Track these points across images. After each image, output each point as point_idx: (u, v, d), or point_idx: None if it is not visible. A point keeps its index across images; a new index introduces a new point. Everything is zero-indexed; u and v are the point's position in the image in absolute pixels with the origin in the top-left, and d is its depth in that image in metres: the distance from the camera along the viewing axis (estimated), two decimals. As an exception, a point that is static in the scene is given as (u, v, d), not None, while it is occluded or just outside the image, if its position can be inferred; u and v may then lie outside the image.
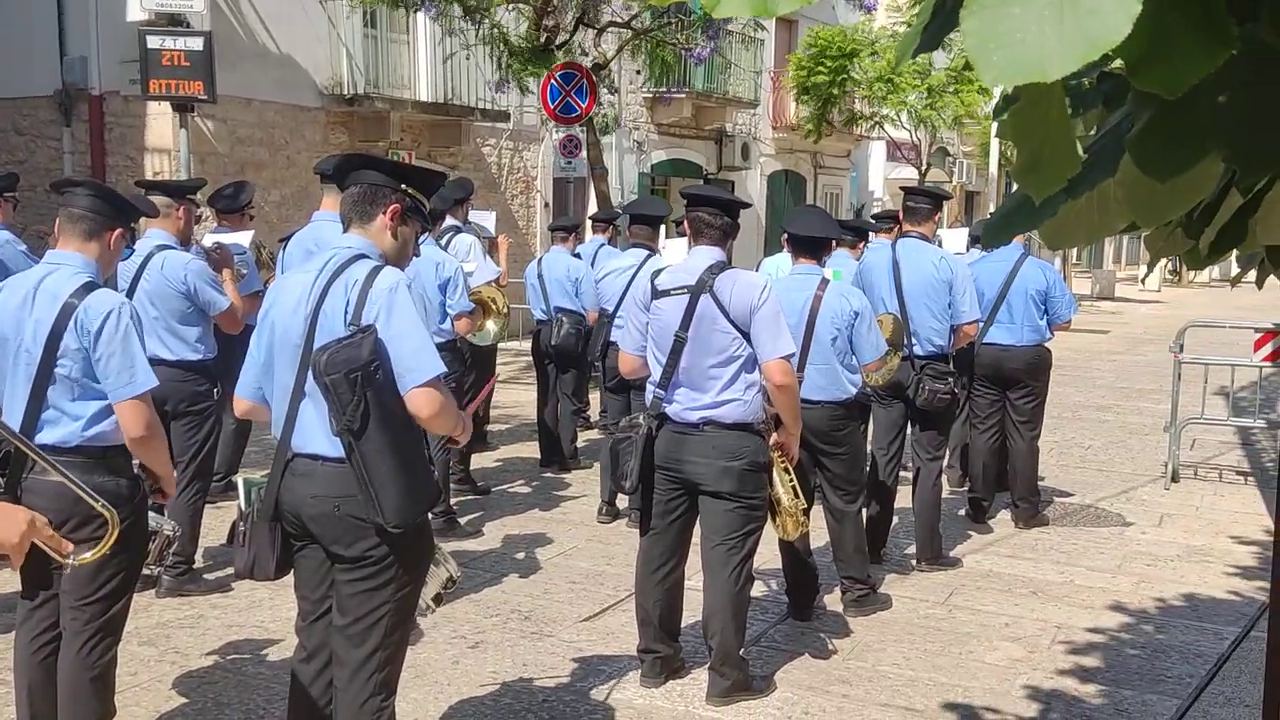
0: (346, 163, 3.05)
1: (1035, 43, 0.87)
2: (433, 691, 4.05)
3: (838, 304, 4.68)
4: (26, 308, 3.09)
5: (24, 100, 12.26)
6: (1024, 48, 0.88)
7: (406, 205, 2.95)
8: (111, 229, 3.25)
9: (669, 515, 4.07)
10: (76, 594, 3.13)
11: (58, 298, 3.07)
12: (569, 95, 11.30)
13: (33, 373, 3.06)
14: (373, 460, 2.68)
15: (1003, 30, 0.89)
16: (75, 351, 3.05)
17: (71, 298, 3.07)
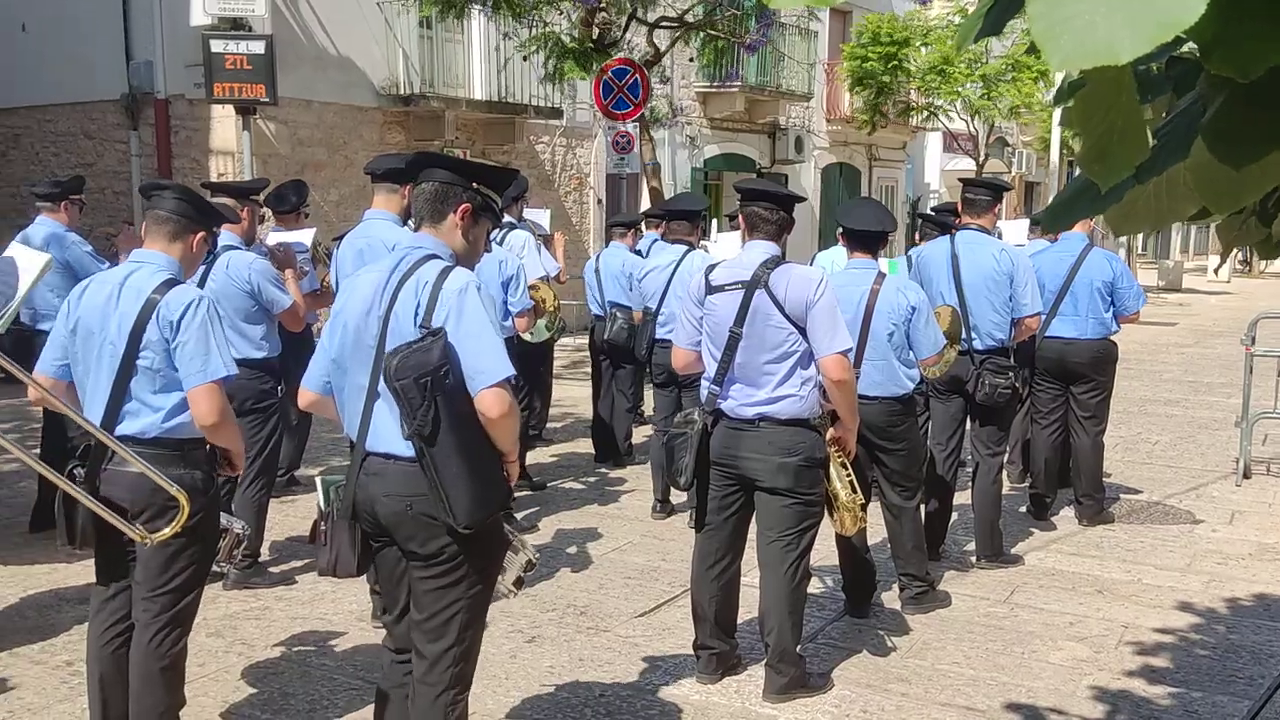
0: (418, 161, 3.06)
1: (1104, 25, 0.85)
2: (491, 685, 4.08)
3: (895, 299, 4.63)
4: (112, 303, 3.18)
5: (92, 105, 12.57)
6: (1092, 31, 0.86)
7: (477, 204, 2.96)
8: (195, 232, 3.34)
9: (724, 511, 4.06)
10: (149, 585, 3.20)
11: (142, 293, 3.16)
12: (621, 91, 11.30)
13: (116, 365, 3.14)
14: (443, 463, 2.70)
15: (1070, 13, 0.87)
16: (157, 343, 3.14)
17: (154, 293, 3.16)
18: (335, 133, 12.84)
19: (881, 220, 4.74)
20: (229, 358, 3.21)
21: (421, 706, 2.93)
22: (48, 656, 4.33)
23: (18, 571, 5.34)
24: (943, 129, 21.83)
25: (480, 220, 2.99)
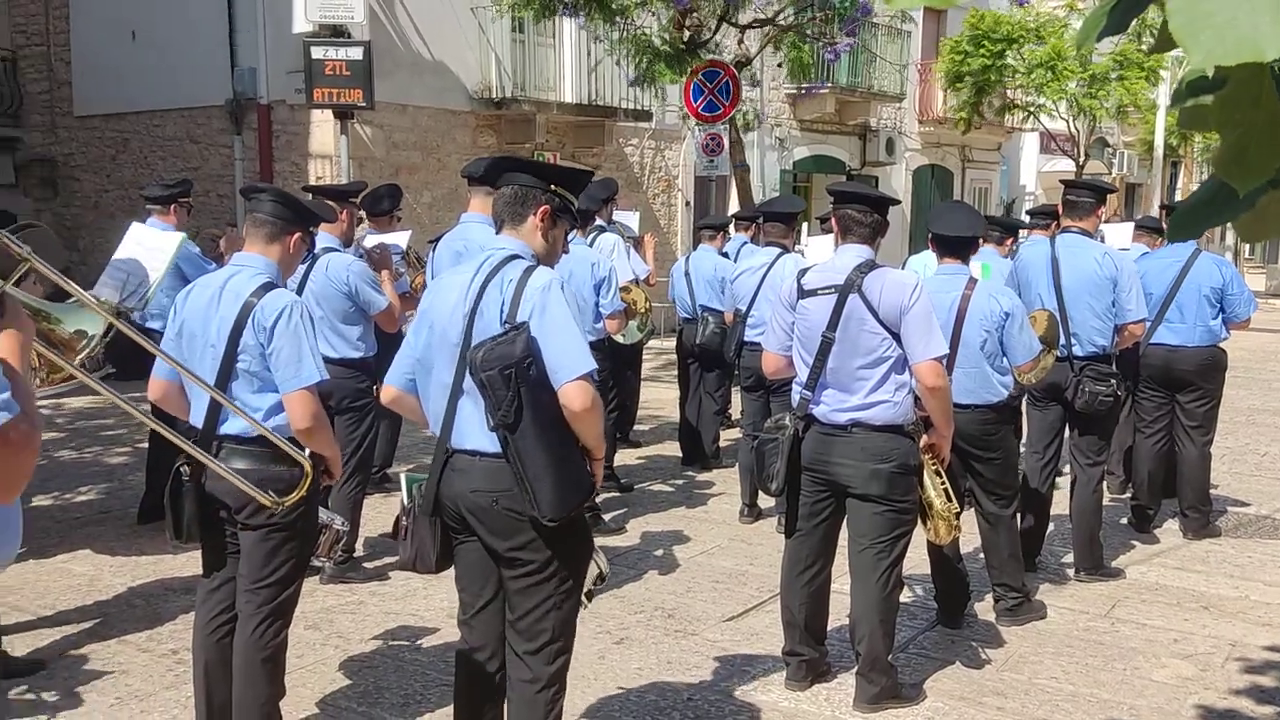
0: (497, 165, 3.12)
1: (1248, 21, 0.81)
2: (580, 686, 4.10)
3: (987, 305, 4.52)
4: (213, 306, 3.27)
5: (198, 110, 13.00)
6: (1234, 27, 0.83)
7: (556, 206, 2.99)
8: (292, 233, 3.42)
9: (815, 517, 4.01)
10: (251, 578, 3.29)
11: (240, 296, 3.25)
12: (712, 94, 11.28)
13: (217, 367, 3.23)
14: (527, 454, 2.73)
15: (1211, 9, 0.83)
16: (253, 347, 3.21)
17: (251, 296, 3.24)
18: (429, 136, 13.07)
19: (972, 225, 4.63)
20: (321, 363, 3.27)
21: (520, 706, 2.96)
22: (154, 645, 4.48)
23: (126, 562, 5.54)
24: (1040, 129, 21.29)
25: (559, 221, 3.02)
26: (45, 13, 14.42)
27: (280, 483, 3.24)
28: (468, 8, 12.83)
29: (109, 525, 6.20)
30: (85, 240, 14.02)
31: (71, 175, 14.61)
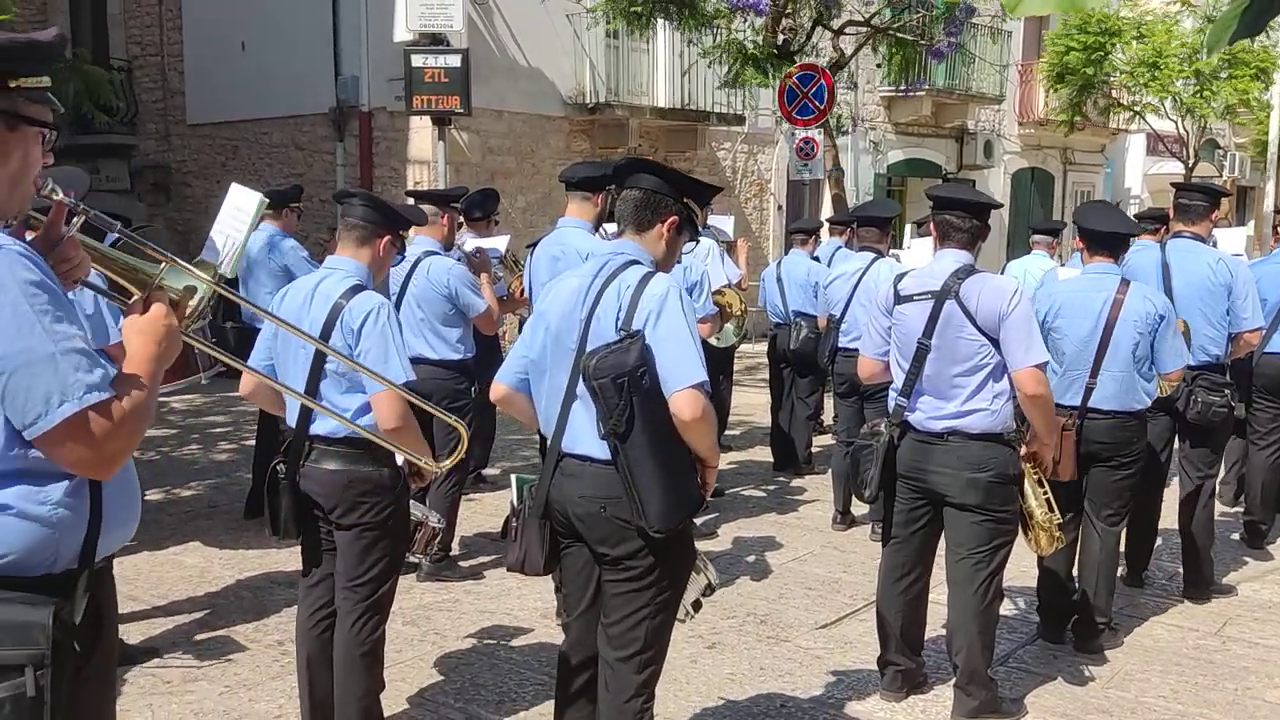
0: (629, 166, 3.10)
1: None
2: (672, 689, 4.10)
3: (1142, 307, 4.34)
4: (305, 308, 3.35)
5: (302, 118, 13.39)
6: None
7: (683, 217, 2.98)
8: (382, 236, 3.48)
9: (912, 525, 3.95)
10: (348, 576, 3.36)
11: (330, 298, 3.32)
12: (806, 97, 11.20)
13: (308, 368, 3.30)
14: (637, 464, 2.73)
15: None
16: (341, 348, 3.24)
17: (340, 298, 3.30)
18: (523, 141, 13.24)
19: (1125, 223, 4.50)
20: (407, 364, 3.30)
21: (609, 712, 2.97)
22: (261, 635, 4.63)
23: (234, 555, 5.73)
24: (1147, 130, 20.63)
25: (682, 233, 3.01)
26: (159, 25, 15.01)
27: (368, 483, 3.30)
28: (563, 14, 12.98)
29: (217, 520, 6.42)
30: (195, 244, 14.53)
31: (184, 181, 15.18)
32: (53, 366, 1.73)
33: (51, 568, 1.83)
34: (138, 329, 1.92)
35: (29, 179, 1.92)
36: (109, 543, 1.93)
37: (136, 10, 15.31)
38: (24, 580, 1.80)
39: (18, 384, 1.72)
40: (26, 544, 1.79)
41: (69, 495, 1.83)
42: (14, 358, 1.72)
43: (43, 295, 1.76)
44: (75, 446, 1.75)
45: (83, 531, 1.86)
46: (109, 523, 1.91)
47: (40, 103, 1.90)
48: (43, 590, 1.81)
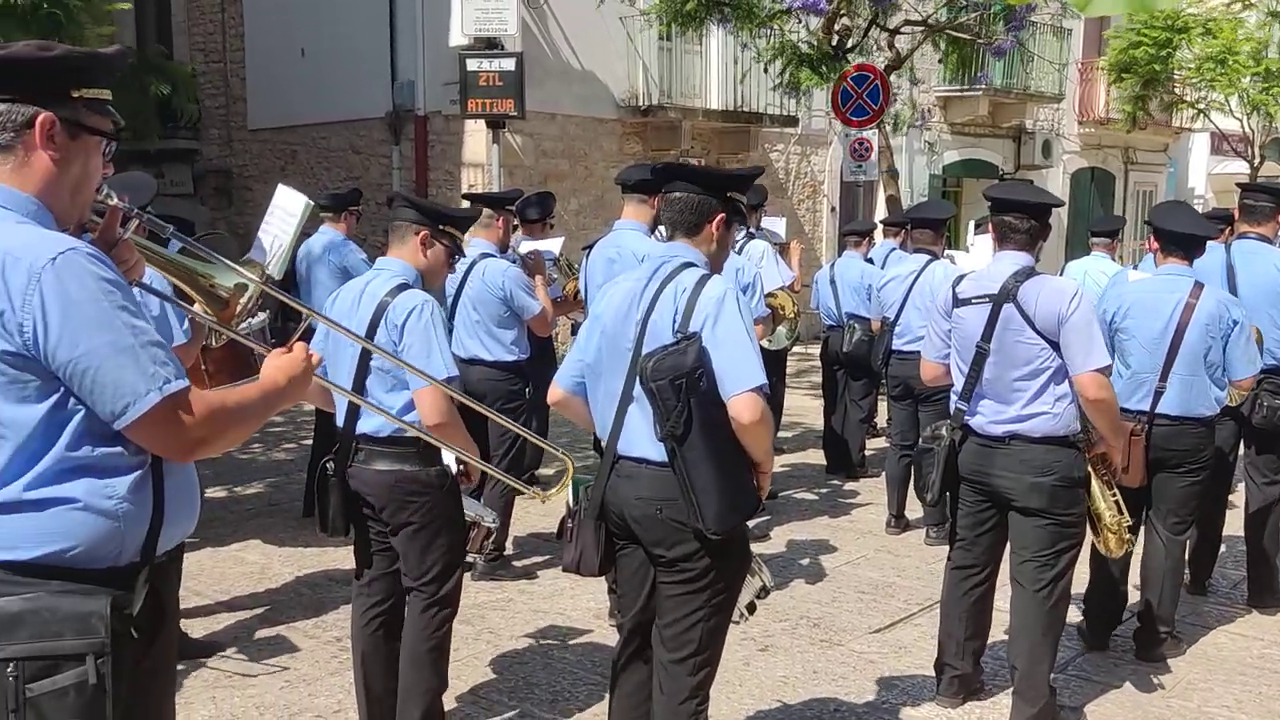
0: (665, 172, 3.12)
1: None
2: (725, 691, 4.11)
3: (1216, 311, 4.25)
4: (354, 308, 3.40)
5: (360, 122, 13.57)
6: None
7: (730, 210, 2.99)
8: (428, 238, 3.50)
9: (978, 528, 3.90)
10: (412, 575, 3.41)
11: (376, 297, 3.37)
12: (860, 98, 11.12)
13: (354, 366, 3.34)
14: (695, 466, 2.73)
15: None
16: (385, 345, 3.29)
17: (386, 296, 3.35)
18: (576, 144, 13.31)
19: (1201, 224, 4.42)
20: (450, 360, 3.32)
21: (663, 714, 2.97)
22: (319, 632, 4.71)
23: (294, 552, 5.83)
24: (1211, 129, 20.17)
25: (731, 226, 3.03)
26: (222, 32, 15.31)
27: (415, 483, 3.33)
28: (616, 17, 13.02)
29: (277, 517, 6.54)
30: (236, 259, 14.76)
31: (245, 185, 15.46)
32: (134, 358, 1.80)
33: (115, 560, 1.88)
34: (275, 364, 2.09)
35: (90, 187, 2.00)
36: (169, 537, 1.99)
37: (200, 18, 15.64)
38: (89, 572, 1.85)
39: (105, 376, 1.78)
40: (93, 537, 1.85)
41: (133, 491, 1.89)
42: (99, 351, 1.78)
43: (117, 292, 1.83)
44: (161, 433, 1.84)
45: (145, 526, 1.92)
46: (170, 518, 1.97)
47: (101, 113, 1.97)
48: (106, 583, 1.86)
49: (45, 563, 1.82)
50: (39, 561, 1.82)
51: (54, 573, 1.83)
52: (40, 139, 1.87)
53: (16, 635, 1.78)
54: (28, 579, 1.82)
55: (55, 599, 1.81)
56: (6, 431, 1.81)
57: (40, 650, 1.78)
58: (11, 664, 1.77)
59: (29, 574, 1.82)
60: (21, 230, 1.82)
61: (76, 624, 1.81)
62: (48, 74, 1.88)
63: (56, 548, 1.83)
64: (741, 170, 3.17)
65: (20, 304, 1.75)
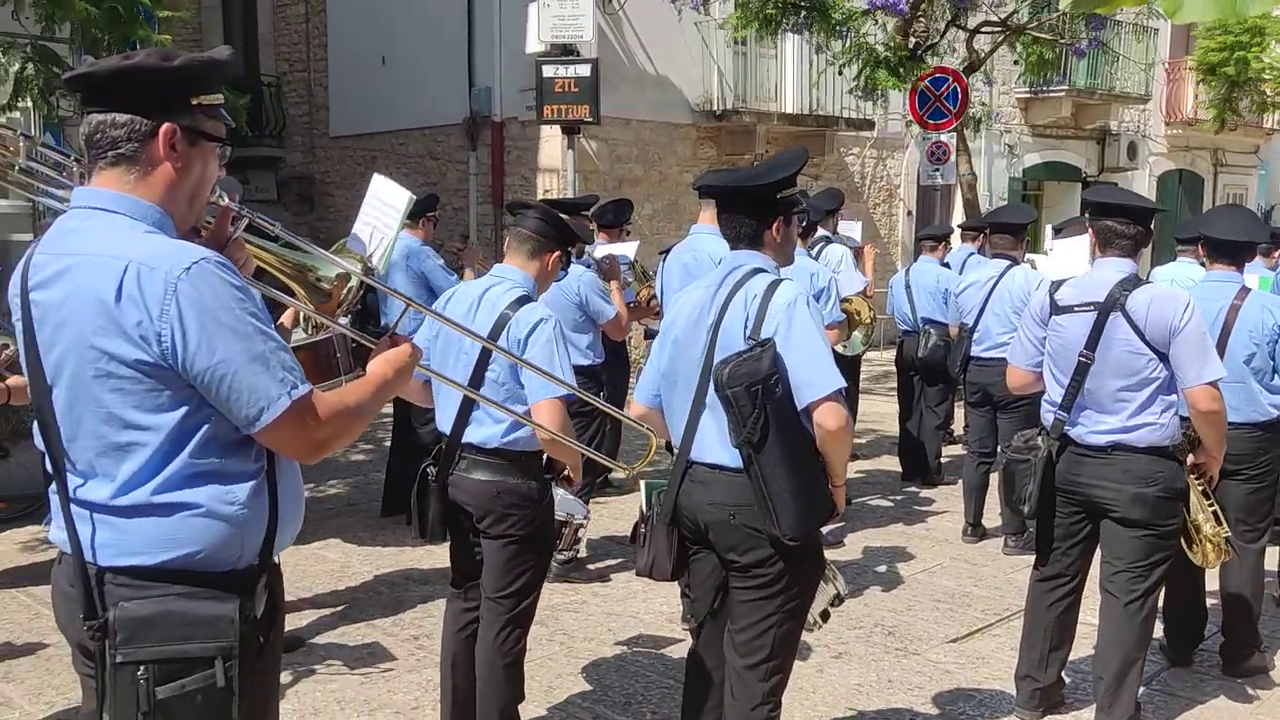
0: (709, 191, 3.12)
1: None
2: (798, 698, 4.09)
3: (1259, 316, 4.18)
4: (470, 315, 3.39)
5: (438, 129, 13.79)
6: None
7: (787, 207, 2.97)
8: (552, 251, 3.50)
9: (1069, 539, 3.82)
10: (492, 588, 3.41)
11: (496, 307, 3.36)
12: (939, 101, 11.00)
13: (468, 375, 3.34)
14: (771, 473, 2.73)
15: None
16: (505, 360, 3.28)
17: (507, 309, 3.33)
18: (651, 149, 13.35)
19: (1250, 229, 4.30)
20: (571, 375, 3.30)
21: (736, 719, 2.98)
22: (398, 630, 4.80)
23: (372, 551, 5.95)
24: (1305, 129, 19.51)
25: (791, 223, 3.01)
26: (306, 42, 15.67)
27: (516, 495, 3.33)
28: (691, 22, 13.04)
29: (356, 517, 6.67)
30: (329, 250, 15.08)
31: (326, 191, 15.80)
32: (265, 364, 1.85)
33: (235, 565, 1.93)
34: (383, 356, 2.15)
35: (206, 192, 2.04)
36: (282, 541, 2.03)
37: (285, 29, 16.03)
38: (211, 576, 1.90)
39: (240, 383, 1.83)
40: (215, 542, 1.89)
41: (252, 496, 1.93)
42: (234, 359, 1.83)
43: (247, 301, 1.88)
44: (291, 435, 1.90)
45: (263, 530, 1.96)
46: (283, 522, 2.01)
47: (216, 118, 2.01)
48: (227, 586, 1.91)
49: (170, 567, 1.87)
50: (164, 566, 1.87)
51: (178, 577, 1.87)
52: (164, 148, 1.91)
53: (148, 638, 1.82)
54: (154, 583, 1.87)
55: (185, 603, 1.85)
56: (141, 437, 1.86)
57: (171, 653, 1.82)
58: (142, 667, 1.81)
59: (155, 579, 1.87)
60: (153, 240, 1.87)
61: (207, 627, 1.84)
62: (170, 83, 1.92)
63: (182, 552, 1.87)
64: (784, 158, 3.08)
65: (158, 314, 1.79)
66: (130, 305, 1.80)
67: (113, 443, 1.86)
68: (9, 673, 4.31)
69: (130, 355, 1.81)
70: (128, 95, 1.90)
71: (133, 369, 1.82)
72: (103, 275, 1.81)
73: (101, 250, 1.84)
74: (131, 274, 1.80)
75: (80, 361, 1.85)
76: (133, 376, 1.82)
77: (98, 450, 1.87)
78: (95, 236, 1.87)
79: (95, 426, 1.87)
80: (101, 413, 1.85)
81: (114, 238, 1.86)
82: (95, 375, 1.84)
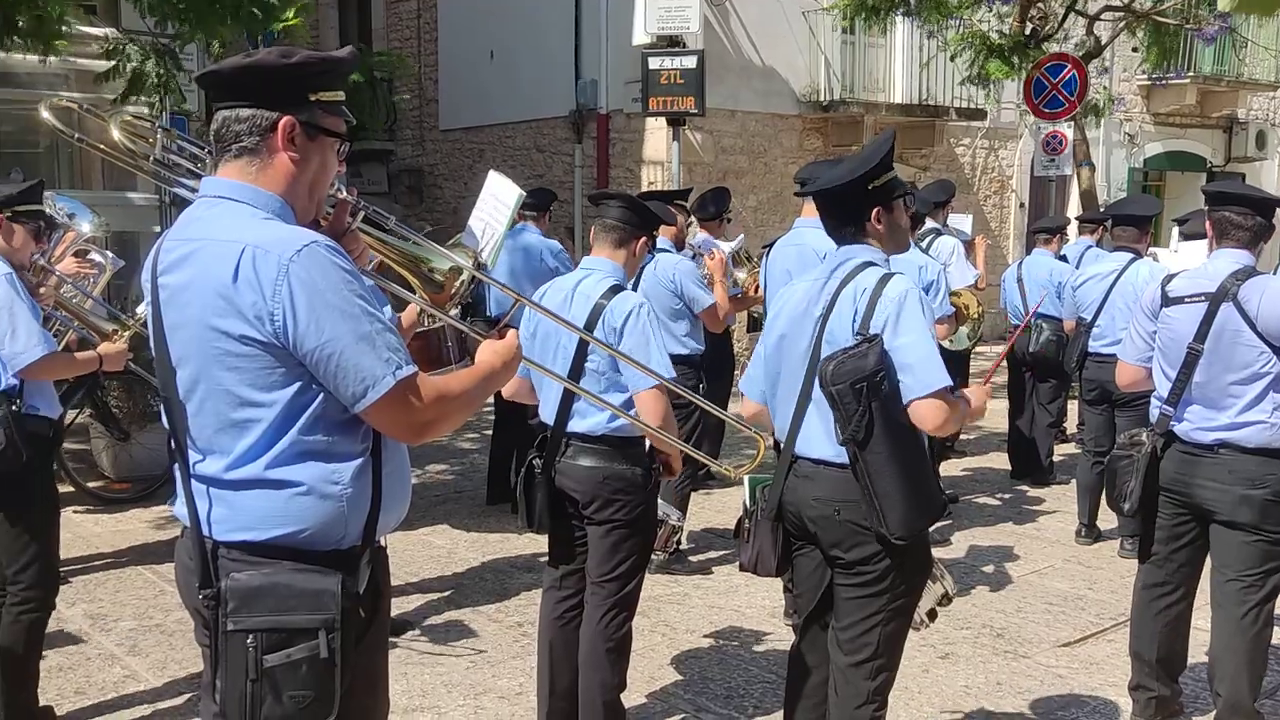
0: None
1: None
2: (903, 698, 4.02)
3: None
4: (565, 308, 3.43)
5: (543, 121, 13.93)
6: None
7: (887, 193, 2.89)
8: (637, 238, 3.55)
9: (1174, 543, 3.69)
10: (597, 572, 3.45)
11: (590, 298, 3.41)
12: (1055, 89, 10.66)
13: (567, 367, 3.38)
14: (877, 470, 2.68)
15: None
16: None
17: (601, 299, 3.38)
18: (756, 140, 13.25)
19: None
20: (668, 361, 3.35)
21: (840, 717, 2.93)
22: (503, 616, 4.88)
23: (478, 538, 6.06)
24: None
25: (893, 209, 2.92)
26: (418, 37, 15.99)
27: (622, 481, 3.37)
28: (799, 12, 12.90)
29: (462, 503, 6.80)
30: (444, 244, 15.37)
31: (435, 184, 16.11)
32: (372, 344, 1.91)
33: (339, 544, 1.99)
34: (492, 349, 2.20)
35: (325, 185, 2.11)
36: (386, 522, 2.09)
37: (397, 25, 16.38)
38: (316, 554, 1.97)
39: (347, 361, 1.89)
40: (320, 521, 1.97)
41: (355, 478, 1.99)
42: (342, 338, 1.89)
43: (355, 283, 1.94)
44: (394, 415, 1.95)
45: (366, 511, 2.02)
46: (386, 505, 2.07)
47: (335, 114, 2.08)
48: (332, 564, 1.98)
49: (279, 543, 1.95)
50: (273, 542, 1.95)
51: (286, 553, 1.96)
52: (282, 141, 1.99)
53: (256, 608, 1.91)
54: (263, 558, 1.95)
55: (291, 576, 1.94)
56: (256, 413, 1.94)
57: (277, 623, 1.90)
58: (251, 635, 1.90)
59: (264, 554, 1.95)
60: (268, 226, 1.95)
61: (311, 600, 1.92)
62: (289, 80, 2.00)
63: (289, 530, 1.95)
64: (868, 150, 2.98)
65: (270, 294, 1.87)
66: (246, 287, 1.87)
67: (230, 419, 1.94)
68: (135, 646, 4.52)
69: (246, 334, 1.89)
70: (250, 91, 1.98)
71: (248, 348, 1.89)
72: (222, 259, 1.89)
73: (222, 235, 1.93)
74: (247, 257, 1.88)
75: (201, 341, 1.93)
76: (248, 355, 1.90)
77: (216, 427, 1.96)
78: (218, 223, 1.96)
79: (214, 404, 1.95)
80: (220, 390, 1.94)
81: (234, 224, 1.94)
82: (215, 354, 1.92)
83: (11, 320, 3.48)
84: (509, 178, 3.18)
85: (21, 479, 3.54)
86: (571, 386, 3.18)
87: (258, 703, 1.90)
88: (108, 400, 6.83)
